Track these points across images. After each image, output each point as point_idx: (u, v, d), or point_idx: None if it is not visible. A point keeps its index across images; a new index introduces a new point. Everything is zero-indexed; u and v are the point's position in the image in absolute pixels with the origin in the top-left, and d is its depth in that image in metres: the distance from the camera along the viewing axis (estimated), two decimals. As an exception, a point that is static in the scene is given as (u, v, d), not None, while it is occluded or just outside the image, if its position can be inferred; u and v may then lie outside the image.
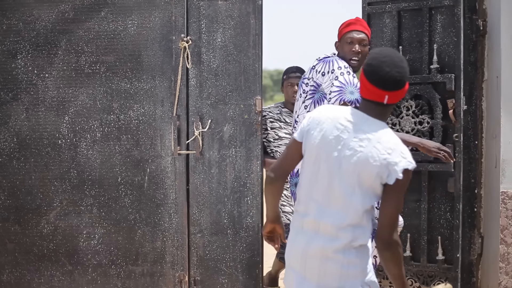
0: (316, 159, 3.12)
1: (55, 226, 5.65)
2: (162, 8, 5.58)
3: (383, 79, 2.99)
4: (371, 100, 3.06)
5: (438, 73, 5.21)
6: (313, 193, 3.14)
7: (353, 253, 3.09)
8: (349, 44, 4.43)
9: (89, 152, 5.62)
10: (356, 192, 3.03)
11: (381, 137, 3.01)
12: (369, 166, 2.97)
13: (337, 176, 3.06)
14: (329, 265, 3.10)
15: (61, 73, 5.64)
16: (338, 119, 3.09)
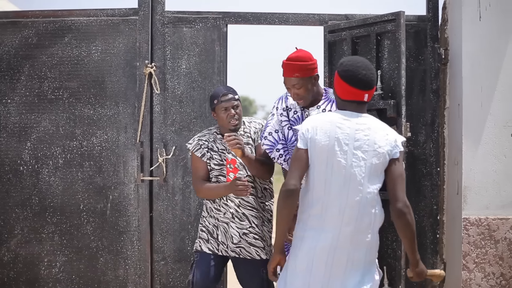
0: (328, 159, 3.47)
1: (15, 253, 5.56)
2: (126, 34, 5.57)
3: (362, 81, 3.52)
4: (352, 100, 3.56)
5: (381, 100, 5.22)
6: (331, 191, 3.46)
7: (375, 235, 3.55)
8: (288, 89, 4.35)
9: (51, 179, 5.56)
10: (372, 176, 3.46)
11: (377, 125, 3.54)
12: (380, 148, 3.45)
13: (353, 165, 3.45)
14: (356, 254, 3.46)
15: (24, 98, 5.59)
16: (336, 120, 3.52)
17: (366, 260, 3.49)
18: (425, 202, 5.52)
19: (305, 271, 3.46)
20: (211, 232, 4.72)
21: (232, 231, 4.65)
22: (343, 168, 3.45)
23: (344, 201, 3.44)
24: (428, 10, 5.57)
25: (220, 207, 4.69)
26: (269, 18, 5.64)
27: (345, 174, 3.45)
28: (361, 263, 3.47)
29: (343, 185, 3.45)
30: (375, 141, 3.46)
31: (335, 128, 3.48)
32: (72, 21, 5.59)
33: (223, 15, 5.60)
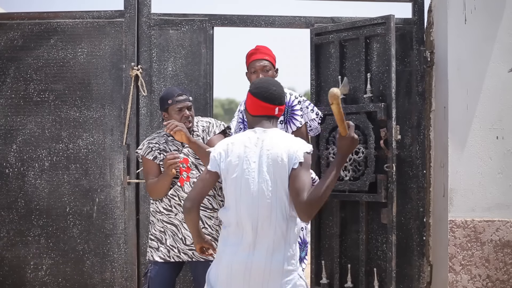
0: (237, 178, 3.58)
1: (1, 256, 5.54)
2: (112, 36, 5.56)
3: (273, 96, 3.68)
4: (263, 115, 3.71)
5: (371, 102, 5.23)
6: (242, 209, 3.55)
7: (292, 245, 3.58)
8: (253, 73, 4.71)
9: (37, 182, 5.54)
10: (279, 189, 3.52)
11: (281, 138, 3.61)
12: (280, 161, 3.52)
13: (260, 181, 3.54)
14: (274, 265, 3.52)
15: (9, 101, 5.57)
16: (244, 139, 3.65)
17: (284, 270, 3.52)
18: (411, 204, 5.53)
19: (226, 283, 3.55)
20: (159, 239, 4.58)
21: (185, 232, 4.53)
22: (251, 184, 3.55)
23: (256, 217, 3.52)
24: (414, 13, 5.59)
25: (173, 207, 4.56)
26: (255, 21, 5.64)
27: (253, 191, 3.54)
28: (279, 273, 3.51)
29: (252, 203, 3.53)
30: (277, 154, 3.53)
31: (243, 148, 3.60)
32: (57, 23, 5.58)
33: (209, 18, 5.60)
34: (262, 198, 3.52)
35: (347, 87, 5.05)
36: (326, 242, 5.52)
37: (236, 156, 3.60)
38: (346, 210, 5.42)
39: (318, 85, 5.54)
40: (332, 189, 3.47)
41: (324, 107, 5.42)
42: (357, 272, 5.32)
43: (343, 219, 5.42)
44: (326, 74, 5.51)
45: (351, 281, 5.34)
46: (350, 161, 5.27)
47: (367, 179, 5.17)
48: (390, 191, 5.08)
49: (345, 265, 5.39)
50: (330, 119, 5.36)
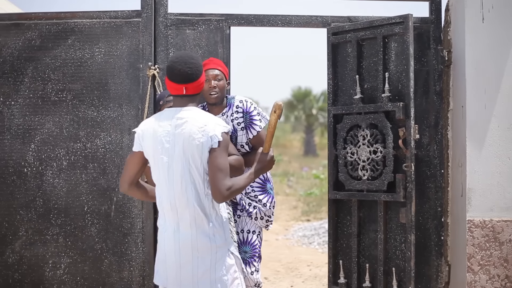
0: (154, 158, 3.69)
1: (20, 255, 5.57)
2: (129, 36, 5.57)
3: (178, 75, 3.68)
4: (175, 95, 3.74)
5: (389, 102, 5.23)
6: (162, 188, 3.69)
7: (215, 221, 3.70)
8: (207, 82, 4.79)
9: (55, 181, 5.57)
10: (192, 167, 3.61)
11: (195, 117, 3.65)
12: (194, 141, 3.59)
13: (173, 160, 3.63)
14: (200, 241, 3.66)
15: (27, 100, 5.59)
16: (160, 119, 3.71)
17: (212, 246, 3.65)
18: (429, 204, 5.52)
19: (163, 261, 3.72)
20: None
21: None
22: (166, 164, 3.65)
23: (172, 195, 3.64)
24: (431, 12, 5.57)
25: None
26: (272, 20, 5.64)
27: (168, 170, 3.64)
28: (207, 249, 3.64)
29: (168, 181, 3.65)
30: (190, 133, 3.60)
31: (158, 128, 3.68)
32: (75, 23, 5.60)
33: (226, 17, 5.60)
34: (176, 176, 3.62)
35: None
36: (344, 242, 5.52)
37: (151, 136, 3.68)
38: (364, 209, 5.42)
39: (335, 84, 5.53)
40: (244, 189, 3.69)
41: (341, 107, 5.42)
42: (375, 271, 5.31)
43: (360, 219, 5.42)
44: (343, 74, 5.50)
45: (369, 280, 5.34)
46: (368, 160, 5.26)
47: (386, 178, 5.17)
48: (409, 190, 5.07)
49: (363, 265, 5.39)
50: (347, 119, 5.36)
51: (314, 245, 11.55)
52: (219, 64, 4.89)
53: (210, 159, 3.60)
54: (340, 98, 5.52)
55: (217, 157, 3.59)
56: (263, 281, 8.58)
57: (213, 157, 3.59)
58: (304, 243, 11.82)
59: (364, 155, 5.30)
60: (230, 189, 3.59)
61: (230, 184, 3.59)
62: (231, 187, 3.59)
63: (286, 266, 9.71)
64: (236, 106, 4.85)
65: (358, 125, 5.33)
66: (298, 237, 12.40)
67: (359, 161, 5.33)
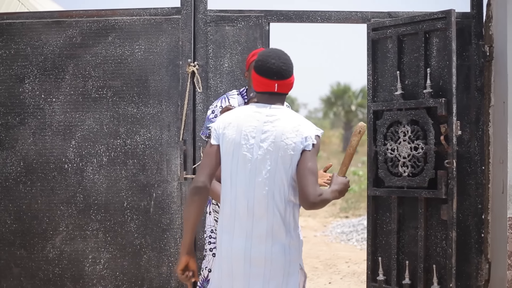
0: (234, 153, 3.38)
1: (60, 250, 5.64)
2: (169, 33, 5.60)
3: (271, 70, 3.41)
4: (264, 92, 3.46)
5: (431, 98, 5.18)
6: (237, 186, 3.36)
7: (292, 232, 3.38)
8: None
9: (95, 177, 5.62)
10: (279, 168, 3.32)
11: (289, 116, 3.41)
12: (287, 140, 3.33)
13: (258, 159, 3.34)
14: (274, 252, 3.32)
15: (68, 97, 5.66)
16: (246, 113, 3.43)
17: (286, 259, 3.32)
18: (469, 201, 5.46)
19: (228, 274, 3.35)
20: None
21: None
22: (249, 161, 3.34)
23: (252, 196, 3.32)
24: (472, 7, 5.51)
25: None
26: (311, 16, 5.63)
27: (250, 168, 3.33)
28: (281, 262, 3.31)
29: (249, 180, 3.33)
30: (283, 132, 3.33)
31: (243, 122, 3.39)
32: (115, 21, 5.64)
33: (265, 14, 5.60)
34: (260, 177, 3.32)
35: None
36: (383, 239, 5.48)
37: (234, 130, 3.39)
38: (403, 206, 5.38)
39: (375, 80, 5.51)
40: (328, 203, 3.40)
41: (381, 103, 5.40)
42: (415, 269, 5.27)
43: (400, 216, 5.38)
44: (383, 70, 5.48)
45: (409, 278, 5.30)
46: (409, 157, 5.23)
47: (427, 175, 5.13)
48: (451, 187, 5.03)
49: (402, 262, 5.35)
50: (387, 115, 5.33)
51: (352, 242, 11.51)
52: None
53: (302, 161, 3.31)
54: (379, 94, 5.50)
55: (310, 160, 3.30)
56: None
57: (306, 159, 3.30)
58: (342, 240, 11.80)
59: (404, 151, 5.26)
60: (321, 197, 3.29)
61: (321, 191, 3.29)
62: (321, 194, 3.28)
63: (324, 262, 9.70)
64: None
65: (399, 121, 5.29)
66: (337, 234, 12.37)
67: (400, 158, 5.29)
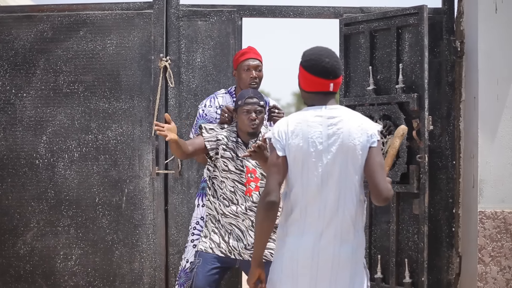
0: (303, 161, 3.30)
1: (32, 246, 5.58)
2: (141, 28, 5.57)
3: (326, 69, 3.32)
4: (318, 92, 3.37)
5: (403, 93, 5.20)
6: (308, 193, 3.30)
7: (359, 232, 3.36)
8: (246, 71, 4.79)
9: (66, 172, 5.58)
10: (350, 170, 3.27)
11: (349, 115, 3.36)
12: (355, 140, 3.27)
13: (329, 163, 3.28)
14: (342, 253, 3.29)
15: (39, 92, 5.60)
16: (307, 118, 3.34)
17: (353, 259, 3.30)
18: (440, 195, 5.50)
19: (291, 277, 3.32)
20: (223, 235, 4.55)
21: (250, 239, 4.47)
22: (320, 167, 3.29)
23: (324, 202, 3.28)
24: (444, 3, 5.55)
25: (239, 214, 4.50)
26: (283, 11, 5.63)
27: (322, 174, 3.28)
28: (348, 262, 3.28)
29: (321, 186, 3.28)
30: (350, 133, 3.28)
31: (307, 128, 3.31)
32: (87, 15, 5.60)
33: (237, 8, 5.60)
34: (332, 181, 3.27)
35: None
36: (355, 233, 5.50)
37: (299, 138, 3.30)
38: (375, 200, 5.40)
39: (347, 75, 5.52)
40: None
41: (354, 98, 5.42)
42: (387, 263, 5.30)
43: (372, 210, 5.41)
44: (355, 65, 5.49)
45: (381, 272, 5.33)
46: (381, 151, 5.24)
47: (399, 169, 5.16)
48: (423, 181, 5.06)
49: (374, 256, 5.38)
50: (360, 110, 5.34)
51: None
52: (259, 55, 4.88)
53: (370, 158, 3.28)
54: (352, 90, 5.51)
55: (377, 155, 3.29)
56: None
57: (373, 155, 3.28)
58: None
59: (376, 146, 5.27)
60: (392, 191, 3.31)
61: (391, 186, 3.31)
62: (391, 188, 3.31)
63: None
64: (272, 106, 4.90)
65: (371, 116, 5.30)
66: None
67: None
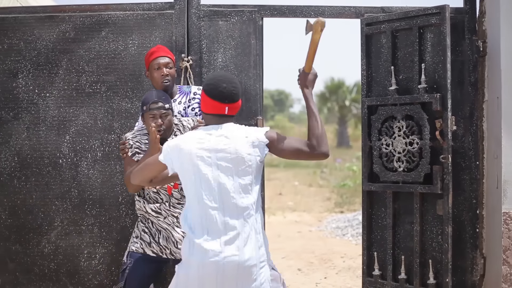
0: (195, 176, 3.52)
1: (56, 245, 5.64)
2: (162, 28, 5.59)
3: (222, 94, 3.56)
4: (214, 114, 3.61)
5: (426, 93, 5.19)
6: (204, 207, 3.50)
7: (260, 235, 3.57)
8: (157, 69, 4.80)
9: (90, 172, 5.62)
10: (242, 182, 3.50)
11: (234, 129, 3.58)
12: (242, 154, 3.50)
13: (220, 176, 3.50)
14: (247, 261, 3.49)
15: (62, 92, 5.64)
16: (198, 136, 3.58)
17: (255, 263, 3.51)
18: (464, 196, 5.47)
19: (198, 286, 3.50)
20: (153, 235, 4.58)
21: (177, 235, 4.51)
22: (212, 180, 3.50)
23: (221, 212, 3.49)
24: (466, 2, 5.51)
25: (162, 211, 4.54)
26: (304, 11, 5.62)
27: (214, 186, 3.50)
28: (251, 266, 3.49)
29: (215, 198, 3.50)
30: (236, 147, 3.50)
31: (197, 145, 3.53)
32: (109, 15, 5.62)
33: (258, 8, 5.59)
34: (225, 192, 3.49)
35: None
36: (378, 234, 5.50)
37: (190, 154, 3.53)
38: (398, 201, 5.39)
39: (369, 75, 5.51)
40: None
41: (376, 98, 5.40)
42: (411, 263, 5.29)
43: (395, 210, 5.39)
44: (377, 65, 5.47)
45: (405, 272, 5.32)
46: (404, 152, 5.24)
47: (422, 170, 5.14)
48: (446, 182, 5.04)
49: (398, 257, 5.37)
50: (382, 110, 5.33)
51: (347, 237, 11.53)
52: (168, 52, 4.89)
53: (279, 144, 3.58)
54: (374, 89, 5.50)
55: (279, 140, 3.58)
56: (297, 273, 8.58)
57: (279, 140, 3.58)
58: (337, 235, 11.82)
59: (399, 146, 5.27)
60: (326, 143, 3.56)
61: (323, 141, 3.55)
62: (326, 143, 3.56)
63: (319, 257, 9.72)
64: (194, 93, 4.89)
65: (394, 116, 5.30)
66: (332, 229, 12.39)
67: (395, 153, 5.30)
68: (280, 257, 9.62)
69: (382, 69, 5.43)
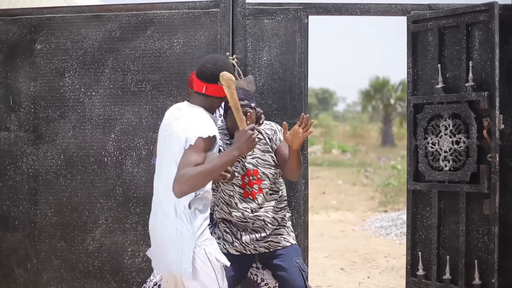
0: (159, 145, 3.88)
1: (100, 243, 5.69)
2: (207, 26, 5.59)
3: (203, 72, 3.78)
4: (196, 91, 3.83)
5: (473, 91, 5.11)
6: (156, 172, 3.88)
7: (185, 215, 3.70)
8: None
9: (134, 170, 5.65)
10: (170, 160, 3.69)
11: (188, 116, 3.73)
12: (176, 137, 3.69)
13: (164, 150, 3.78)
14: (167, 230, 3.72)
15: (108, 91, 5.69)
16: (172, 110, 3.87)
17: (177, 237, 3.67)
18: (511, 196, 5.37)
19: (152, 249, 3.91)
20: (234, 234, 4.51)
21: (263, 234, 4.46)
22: (161, 152, 3.82)
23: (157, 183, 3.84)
24: (515, -1, 5.41)
25: (247, 219, 4.45)
26: (350, 9, 5.57)
27: (161, 157, 3.81)
28: (173, 239, 3.68)
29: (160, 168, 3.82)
30: (177, 130, 3.70)
31: (166, 119, 3.87)
32: (154, 14, 5.65)
33: (304, 6, 5.57)
34: (161, 166, 3.79)
35: (251, 84, 4.52)
36: (423, 233, 5.43)
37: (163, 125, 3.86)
38: (444, 200, 5.32)
39: (415, 73, 5.44)
40: (207, 179, 3.61)
41: (422, 96, 5.33)
42: (456, 264, 5.21)
43: (441, 210, 5.32)
44: (423, 63, 5.41)
45: (450, 273, 5.24)
46: (450, 151, 5.17)
47: (469, 169, 5.06)
48: (493, 181, 4.96)
49: (443, 257, 5.30)
50: (428, 108, 5.27)
51: (391, 236, 11.43)
52: None
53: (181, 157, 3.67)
54: (420, 88, 5.43)
55: (183, 156, 3.63)
56: (340, 272, 8.54)
57: (182, 156, 3.65)
58: (381, 234, 11.73)
59: (446, 145, 5.20)
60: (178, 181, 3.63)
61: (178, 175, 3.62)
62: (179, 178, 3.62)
63: (363, 257, 9.65)
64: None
65: (440, 115, 5.23)
66: (375, 228, 12.30)
67: (441, 152, 5.23)
68: (323, 256, 9.59)
69: (428, 67, 5.37)
